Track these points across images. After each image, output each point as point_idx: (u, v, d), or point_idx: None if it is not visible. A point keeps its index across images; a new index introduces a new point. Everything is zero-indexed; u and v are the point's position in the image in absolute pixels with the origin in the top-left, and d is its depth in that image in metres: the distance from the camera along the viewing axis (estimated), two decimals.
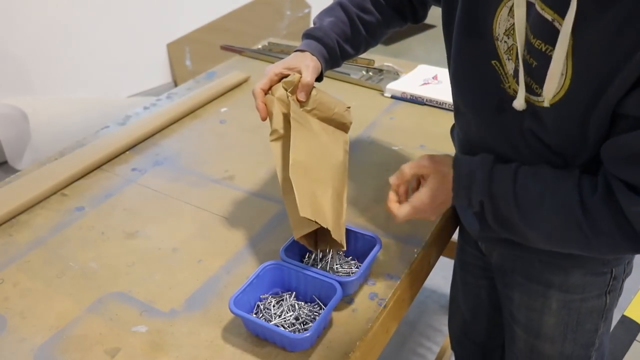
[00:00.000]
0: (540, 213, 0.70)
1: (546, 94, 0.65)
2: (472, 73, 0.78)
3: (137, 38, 3.22)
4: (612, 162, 0.64)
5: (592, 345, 0.93)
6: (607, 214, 0.65)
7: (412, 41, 4.39)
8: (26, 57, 2.79)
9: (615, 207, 0.64)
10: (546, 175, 0.71)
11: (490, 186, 0.73)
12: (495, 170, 0.74)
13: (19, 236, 1.00)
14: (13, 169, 2.67)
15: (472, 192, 0.75)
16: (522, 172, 0.72)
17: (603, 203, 0.65)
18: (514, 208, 0.72)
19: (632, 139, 0.60)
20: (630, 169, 0.62)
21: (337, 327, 0.79)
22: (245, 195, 1.09)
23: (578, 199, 0.67)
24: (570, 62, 0.62)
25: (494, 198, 0.73)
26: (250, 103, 1.44)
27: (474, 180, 0.74)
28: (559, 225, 0.69)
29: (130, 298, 0.86)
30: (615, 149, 0.63)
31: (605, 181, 0.66)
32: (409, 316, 1.91)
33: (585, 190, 0.67)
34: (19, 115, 2.60)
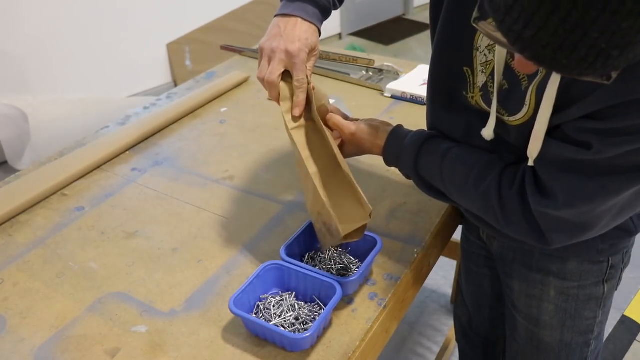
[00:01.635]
0: (462, 193, 0.79)
1: (530, 153, 0.69)
2: (445, 72, 0.81)
3: (137, 38, 3.22)
4: (539, 156, 0.70)
5: (590, 333, 0.95)
6: (518, 208, 0.72)
7: (412, 41, 4.39)
8: (26, 57, 2.79)
9: (525, 202, 0.71)
10: (474, 162, 0.78)
11: (417, 164, 0.84)
12: (423, 150, 0.83)
13: (19, 236, 1.00)
14: (13, 169, 2.67)
15: (399, 167, 0.87)
16: (452, 153, 0.80)
17: (517, 197, 0.72)
18: (439, 183, 0.82)
19: (558, 147, 0.66)
20: (550, 172, 0.68)
21: (337, 327, 0.79)
22: (245, 195, 1.09)
23: (497, 189, 0.74)
24: (534, 96, 0.67)
25: (419, 174, 0.84)
26: (250, 103, 1.45)
27: (400, 157, 0.85)
28: (478, 207, 0.78)
29: (130, 298, 0.86)
30: (545, 148, 0.68)
31: (522, 179, 0.72)
32: (409, 316, 1.91)
33: (503, 184, 0.74)
34: (19, 115, 2.60)
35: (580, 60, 0.43)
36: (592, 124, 0.62)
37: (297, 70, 0.80)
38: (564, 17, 0.40)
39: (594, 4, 0.39)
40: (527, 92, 0.67)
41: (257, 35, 3.44)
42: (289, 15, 0.82)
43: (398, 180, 1.10)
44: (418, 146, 0.83)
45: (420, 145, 0.83)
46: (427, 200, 1.04)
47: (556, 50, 0.43)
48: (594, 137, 0.62)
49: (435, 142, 0.83)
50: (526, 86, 0.67)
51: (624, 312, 1.84)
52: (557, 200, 0.67)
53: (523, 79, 0.68)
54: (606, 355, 1.69)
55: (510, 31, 0.45)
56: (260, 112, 1.40)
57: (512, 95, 0.69)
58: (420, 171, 0.84)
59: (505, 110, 0.72)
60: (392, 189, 1.08)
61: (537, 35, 0.43)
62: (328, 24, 0.89)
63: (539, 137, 0.67)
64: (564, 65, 0.44)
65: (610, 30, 0.40)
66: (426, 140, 0.84)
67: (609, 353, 1.70)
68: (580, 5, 0.39)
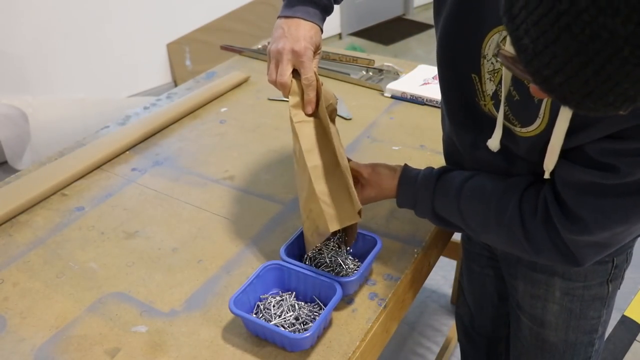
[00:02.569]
0: (485, 231, 0.79)
1: (546, 166, 0.69)
2: (454, 78, 0.80)
3: (137, 38, 3.22)
4: (562, 181, 0.70)
5: (595, 332, 0.95)
6: (545, 236, 0.72)
7: (412, 41, 4.39)
8: (26, 57, 2.79)
9: (552, 230, 0.71)
10: (490, 195, 0.77)
11: (434, 207, 0.83)
12: (438, 189, 0.82)
13: (19, 236, 1.00)
14: (13, 169, 2.67)
15: (416, 211, 0.85)
16: (466, 189, 0.79)
17: (542, 226, 0.72)
18: (461, 223, 0.81)
19: (585, 173, 0.66)
20: (576, 197, 0.68)
21: (337, 327, 0.79)
22: (245, 195, 1.09)
23: (519, 221, 0.73)
24: (548, 108, 0.66)
25: (438, 216, 0.83)
26: (250, 103, 1.45)
27: (417, 202, 0.84)
28: (504, 242, 0.78)
29: (130, 298, 0.86)
30: (567, 174, 0.68)
31: (545, 206, 0.72)
32: (409, 316, 1.91)
33: (525, 214, 0.73)
34: (19, 115, 2.60)
35: (607, 105, 0.43)
36: (616, 144, 0.61)
37: (305, 69, 0.80)
38: (598, 70, 0.40)
39: (629, 60, 0.38)
40: (541, 104, 0.66)
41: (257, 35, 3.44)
42: (291, 17, 0.83)
43: None
44: (431, 191, 0.82)
45: (433, 189, 0.82)
46: None
47: (584, 96, 0.42)
48: (620, 159, 0.61)
49: (446, 180, 0.82)
50: (539, 99, 0.66)
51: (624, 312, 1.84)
52: (587, 225, 0.67)
53: None
54: (606, 355, 1.69)
55: (537, 73, 0.44)
56: (260, 112, 1.40)
57: (525, 106, 0.68)
58: (439, 213, 0.83)
59: (517, 121, 0.71)
60: None
61: (567, 83, 0.42)
62: (328, 24, 0.89)
63: (555, 150, 0.66)
64: (590, 108, 0.44)
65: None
66: (437, 180, 0.83)
67: (609, 353, 1.70)
68: (616, 60, 0.38)
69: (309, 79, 0.80)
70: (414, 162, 1.16)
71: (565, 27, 0.39)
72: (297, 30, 0.81)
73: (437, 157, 1.17)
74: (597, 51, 0.39)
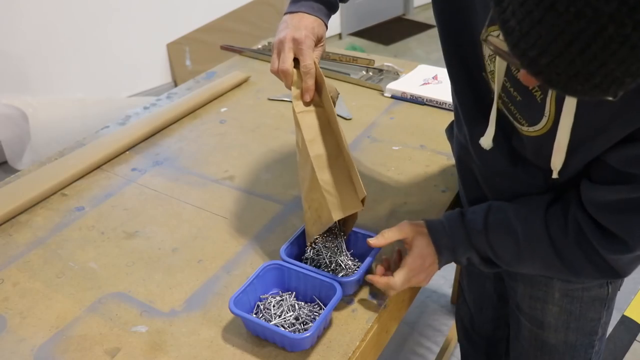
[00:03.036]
0: (522, 262, 0.78)
1: (554, 165, 0.68)
2: (465, 80, 0.79)
3: (137, 38, 3.22)
4: (593, 205, 0.69)
5: (595, 334, 0.94)
6: (581, 256, 0.71)
7: (412, 41, 4.39)
8: (26, 57, 2.79)
9: (588, 249, 0.71)
10: (515, 225, 0.76)
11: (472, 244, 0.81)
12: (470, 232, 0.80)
13: (19, 236, 1.00)
14: (13, 169, 2.67)
15: (457, 255, 0.82)
16: (491, 226, 0.79)
17: (575, 246, 0.71)
18: (495, 258, 0.80)
19: (613, 191, 0.65)
20: (609, 217, 0.67)
21: (337, 327, 0.79)
22: (245, 195, 1.09)
23: (550, 246, 0.73)
24: (553, 106, 0.65)
25: (479, 252, 0.81)
26: (250, 103, 1.45)
27: (455, 245, 0.81)
28: (541, 269, 0.78)
29: (130, 298, 0.86)
30: (596, 196, 0.68)
31: (576, 224, 0.71)
32: (409, 316, 1.91)
33: (555, 237, 0.73)
34: (19, 115, 2.60)
35: (594, 87, 0.42)
36: (635, 149, 0.60)
37: (303, 56, 0.81)
38: (583, 49, 0.40)
39: (614, 38, 0.38)
40: (545, 102, 0.66)
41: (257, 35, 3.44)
42: (295, 12, 0.85)
43: (398, 180, 1.11)
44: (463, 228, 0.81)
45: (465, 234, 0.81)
46: (427, 200, 1.04)
47: (571, 77, 0.42)
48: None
49: (470, 218, 0.81)
50: (542, 97, 0.66)
51: (624, 312, 1.84)
52: (627, 242, 0.66)
53: (534, 91, 0.66)
54: (606, 356, 1.69)
55: (524, 55, 0.44)
56: (260, 112, 1.40)
57: (530, 105, 0.68)
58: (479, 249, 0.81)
59: (525, 120, 0.70)
60: (392, 189, 1.08)
61: (552, 63, 0.42)
62: (328, 24, 0.90)
63: (561, 148, 0.66)
64: (577, 90, 0.44)
65: (628, 61, 0.40)
66: (463, 219, 0.82)
67: (609, 353, 1.70)
68: (600, 39, 0.38)
69: (307, 66, 0.81)
70: (414, 162, 1.16)
71: (550, 6, 0.39)
72: (299, 22, 0.83)
73: (437, 157, 1.17)
74: (582, 30, 0.39)
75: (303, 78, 0.82)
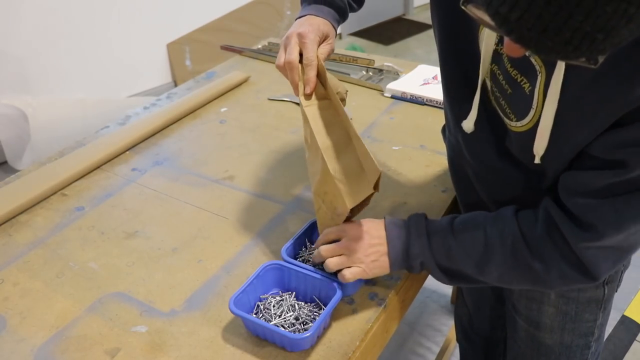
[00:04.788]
0: (489, 261, 0.74)
1: (537, 150, 0.68)
2: (460, 77, 0.80)
3: (137, 38, 3.22)
4: (567, 192, 0.68)
5: (591, 335, 0.94)
6: (552, 248, 0.70)
7: (412, 41, 4.39)
8: (26, 57, 2.79)
9: (558, 240, 0.69)
10: (484, 221, 0.75)
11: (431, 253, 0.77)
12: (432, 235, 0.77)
13: (19, 236, 1.00)
14: (13, 169, 2.67)
15: (409, 252, 0.78)
16: (457, 224, 0.77)
17: (547, 238, 0.70)
18: (461, 264, 0.76)
19: (593, 177, 0.64)
20: (581, 203, 0.66)
21: (337, 327, 0.79)
22: (245, 195, 1.09)
23: (521, 238, 0.71)
24: (541, 97, 0.65)
25: (435, 254, 0.77)
26: (250, 103, 1.45)
27: (411, 239, 0.78)
28: (510, 268, 0.74)
29: (130, 298, 0.86)
30: (574, 182, 0.67)
31: (546, 215, 0.70)
32: (409, 316, 1.91)
33: (525, 227, 0.72)
34: (19, 115, 2.60)
35: (566, 43, 0.43)
36: (619, 135, 0.60)
37: (306, 49, 0.82)
38: (548, 1, 0.41)
39: None
40: (533, 94, 0.66)
41: (257, 35, 3.44)
42: (303, 15, 0.88)
43: (398, 180, 1.11)
44: (424, 232, 0.78)
45: (426, 232, 0.78)
46: (427, 200, 1.04)
47: (541, 32, 0.43)
48: (626, 151, 0.60)
49: (434, 222, 0.80)
50: (530, 89, 0.66)
51: (624, 312, 1.84)
52: (598, 229, 0.65)
53: (523, 82, 0.67)
54: (606, 355, 1.69)
55: (496, 14, 0.45)
56: (260, 112, 1.40)
57: (518, 98, 0.68)
58: (437, 258, 0.78)
59: (514, 114, 0.70)
60: (392, 189, 1.08)
61: (522, 18, 0.43)
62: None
63: (544, 133, 0.65)
64: (549, 47, 0.44)
65: (595, 13, 0.40)
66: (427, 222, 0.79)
67: (609, 353, 1.70)
68: None
69: (308, 58, 0.82)
70: (414, 162, 1.16)
71: None
72: (305, 21, 0.86)
73: (437, 157, 1.17)
74: None
75: (304, 70, 0.83)
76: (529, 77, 0.66)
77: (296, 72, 0.83)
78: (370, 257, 0.78)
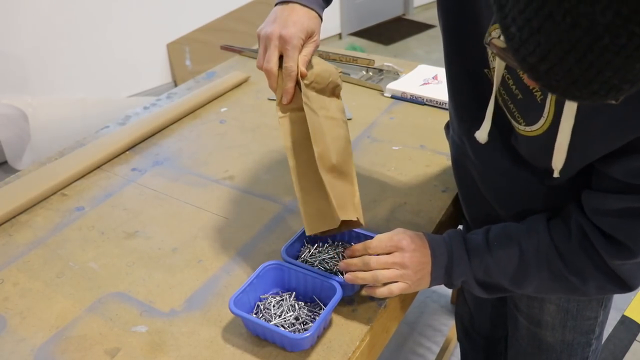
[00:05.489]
0: (526, 276, 0.75)
1: (555, 165, 0.68)
2: (466, 77, 0.79)
3: (137, 38, 3.22)
4: (592, 211, 0.70)
5: (592, 333, 0.95)
6: (586, 260, 0.70)
7: (412, 41, 4.39)
8: (26, 57, 2.79)
9: (593, 254, 0.70)
10: (517, 236, 0.76)
11: (472, 272, 0.78)
12: (471, 254, 0.78)
13: (19, 236, 1.00)
14: (13, 169, 2.67)
15: (452, 274, 0.79)
16: (491, 240, 0.77)
17: (579, 250, 0.71)
18: (499, 278, 0.77)
19: (616, 200, 0.65)
20: (612, 221, 0.67)
21: (337, 327, 0.79)
22: (245, 195, 1.09)
23: (554, 250, 0.72)
24: (552, 107, 0.65)
25: (476, 273, 0.78)
26: (250, 103, 1.45)
27: (452, 265, 0.78)
28: (547, 280, 0.75)
29: (130, 298, 0.86)
30: (597, 202, 0.69)
31: (579, 229, 0.71)
32: (409, 316, 1.91)
33: (558, 241, 0.72)
34: (19, 115, 2.60)
35: (593, 93, 0.43)
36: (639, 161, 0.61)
37: (287, 57, 0.78)
38: (580, 58, 0.40)
39: (609, 48, 0.39)
40: (545, 104, 0.66)
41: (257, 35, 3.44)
42: (287, 2, 0.80)
43: (398, 180, 1.11)
44: (464, 252, 0.78)
45: (466, 250, 0.78)
46: (427, 200, 1.04)
47: (570, 84, 0.43)
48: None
49: (472, 235, 0.80)
50: (542, 98, 0.66)
51: (624, 312, 1.84)
52: (630, 248, 0.66)
53: (535, 91, 0.67)
54: (606, 355, 1.69)
55: (524, 61, 0.44)
56: (260, 112, 1.40)
57: (529, 104, 0.68)
58: (476, 275, 0.78)
59: (523, 119, 0.70)
60: (392, 189, 1.08)
61: (551, 70, 0.43)
62: (328, 24, 0.90)
63: (562, 148, 0.66)
64: (576, 96, 0.44)
65: (624, 70, 0.40)
66: (465, 241, 0.79)
67: (609, 353, 1.70)
68: (596, 48, 0.39)
69: (288, 68, 0.78)
70: (414, 162, 1.16)
71: (548, 15, 0.39)
72: (289, 15, 0.78)
73: (437, 157, 1.17)
74: (578, 39, 0.39)
75: (284, 80, 0.79)
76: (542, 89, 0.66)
77: (274, 80, 0.79)
78: (417, 274, 0.78)
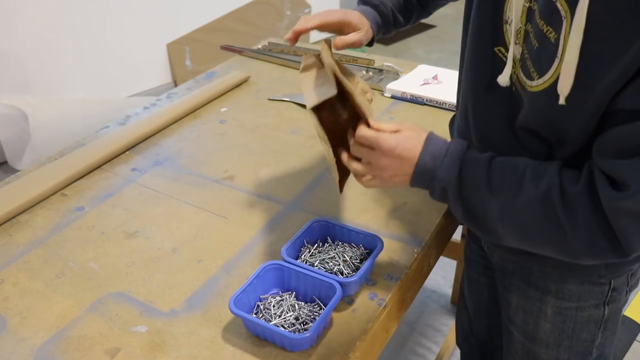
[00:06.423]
0: (515, 204, 0.68)
1: (561, 90, 0.63)
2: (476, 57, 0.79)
3: (137, 38, 3.22)
4: (600, 154, 0.64)
5: (589, 355, 0.92)
6: (589, 206, 0.63)
7: (412, 41, 4.39)
8: (26, 57, 2.79)
9: (595, 198, 0.63)
10: (526, 164, 0.70)
11: (461, 170, 0.72)
12: (467, 157, 0.73)
13: (19, 236, 1.00)
14: (13, 169, 2.67)
15: (436, 171, 0.73)
16: (497, 160, 0.72)
17: (585, 194, 0.64)
18: (486, 196, 0.70)
19: (621, 132, 0.60)
20: (614, 163, 0.61)
21: (337, 327, 0.79)
22: (245, 195, 1.09)
23: (558, 188, 0.65)
24: (566, 44, 0.62)
25: (463, 183, 0.72)
26: (250, 103, 1.45)
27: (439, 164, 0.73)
28: (536, 217, 0.67)
29: (130, 298, 0.86)
30: (605, 142, 0.63)
31: (589, 173, 0.64)
32: (409, 316, 1.91)
33: (566, 181, 0.66)
34: (19, 115, 2.60)
35: None
36: None
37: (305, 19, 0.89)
38: None
39: None
40: (559, 43, 0.63)
41: (257, 35, 3.44)
42: None
43: None
44: (459, 158, 0.73)
45: (462, 159, 0.73)
46: (427, 200, 1.04)
47: None
48: None
49: (474, 153, 0.74)
50: (555, 37, 0.63)
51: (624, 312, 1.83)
52: (630, 187, 0.60)
53: (549, 32, 0.64)
54: None
55: None
56: (260, 112, 1.40)
57: (544, 51, 0.65)
58: (464, 188, 0.73)
59: (536, 71, 0.67)
60: (392, 189, 1.08)
61: None
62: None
63: (569, 70, 0.61)
64: None
65: None
66: (467, 150, 0.74)
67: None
68: None
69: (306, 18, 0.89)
70: None
71: None
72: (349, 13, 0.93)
73: None
74: None
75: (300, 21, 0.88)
76: (555, 26, 0.63)
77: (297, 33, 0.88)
78: (395, 178, 0.76)
